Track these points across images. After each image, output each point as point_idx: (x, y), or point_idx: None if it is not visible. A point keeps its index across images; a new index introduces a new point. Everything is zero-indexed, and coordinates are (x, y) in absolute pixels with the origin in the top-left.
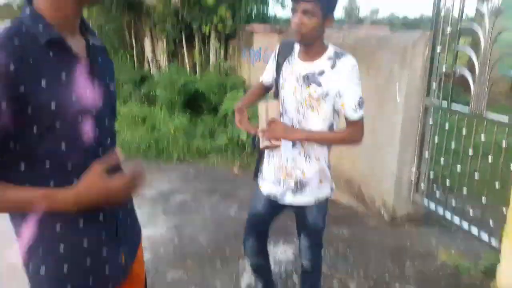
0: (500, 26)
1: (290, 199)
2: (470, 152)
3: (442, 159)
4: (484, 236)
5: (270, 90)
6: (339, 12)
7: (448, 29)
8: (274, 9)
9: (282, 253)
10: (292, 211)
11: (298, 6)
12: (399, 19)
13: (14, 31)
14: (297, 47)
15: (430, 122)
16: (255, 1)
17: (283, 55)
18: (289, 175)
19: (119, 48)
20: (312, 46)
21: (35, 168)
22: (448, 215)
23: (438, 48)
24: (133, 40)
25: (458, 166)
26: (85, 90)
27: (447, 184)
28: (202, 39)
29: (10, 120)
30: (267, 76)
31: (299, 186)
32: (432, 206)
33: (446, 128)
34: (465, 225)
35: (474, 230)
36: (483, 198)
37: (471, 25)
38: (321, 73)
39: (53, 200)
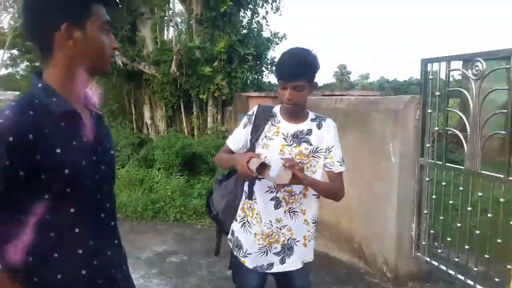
0: (487, 86)
1: (277, 267)
2: (469, 208)
3: (441, 215)
4: None
5: None
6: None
7: (437, 93)
8: (268, 77)
9: None
10: (277, 277)
11: (288, 84)
12: (389, 82)
13: (27, 103)
14: (277, 110)
15: (427, 179)
16: (250, 71)
17: (262, 118)
18: (274, 240)
19: (119, 114)
20: (298, 110)
21: (42, 234)
22: (451, 271)
23: (429, 110)
24: (133, 107)
25: (458, 223)
26: (92, 156)
27: (448, 240)
28: (200, 105)
29: (25, 185)
30: (238, 142)
31: (288, 249)
32: (435, 263)
33: (443, 184)
34: (470, 281)
35: (480, 287)
36: (486, 254)
37: (458, 87)
38: (309, 132)
39: None
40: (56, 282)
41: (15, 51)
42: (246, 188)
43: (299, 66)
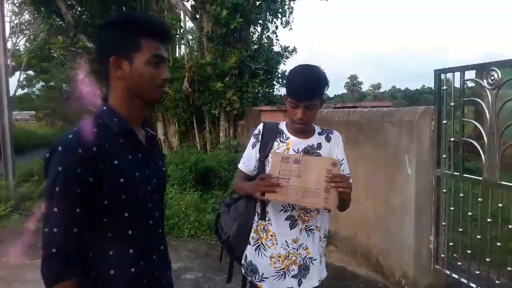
0: (503, 94)
1: None
2: (489, 219)
3: (460, 227)
4: None
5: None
6: (341, 89)
7: (452, 103)
8: (279, 90)
9: None
10: None
11: (301, 104)
12: (401, 91)
13: (93, 123)
14: (283, 127)
15: (444, 190)
16: (261, 85)
17: (270, 136)
18: (291, 261)
19: None
20: (308, 126)
21: (101, 233)
22: (473, 284)
23: (444, 121)
24: None
25: (478, 234)
26: (145, 170)
27: (468, 252)
28: (212, 120)
29: (94, 190)
30: (249, 164)
31: (304, 269)
32: (455, 275)
33: (461, 195)
34: None
35: None
36: (508, 267)
37: (472, 95)
38: (319, 146)
39: None
40: (109, 277)
41: (30, 72)
42: (258, 208)
43: (313, 85)
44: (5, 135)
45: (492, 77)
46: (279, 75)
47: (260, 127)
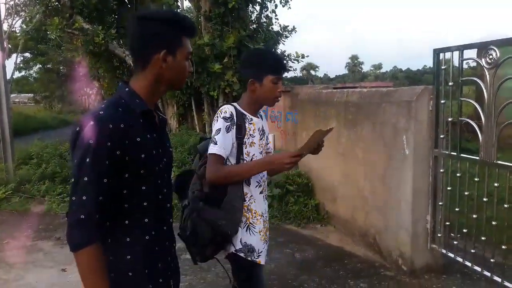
0: (503, 74)
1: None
2: (485, 198)
3: (457, 207)
4: (509, 284)
5: None
6: (342, 69)
7: (450, 83)
8: None
9: None
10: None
11: (281, 76)
12: (402, 71)
13: (117, 102)
14: (241, 109)
15: (441, 170)
16: None
17: (241, 118)
18: (266, 228)
19: None
20: None
21: (119, 204)
22: (468, 263)
23: (442, 100)
24: None
25: (474, 214)
26: (159, 149)
27: (464, 232)
28: (211, 102)
29: (121, 165)
30: (228, 148)
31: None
32: (451, 255)
33: (458, 175)
34: (487, 273)
35: (497, 278)
36: (503, 245)
37: (474, 75)
38: (264, 123)
39: None
40: (125, 243)
41: (27, 54)
42: (240, 191)
43: (283, 59)
44: (4, 119)
45: (491, 56)
46: None
47: (232, 110)
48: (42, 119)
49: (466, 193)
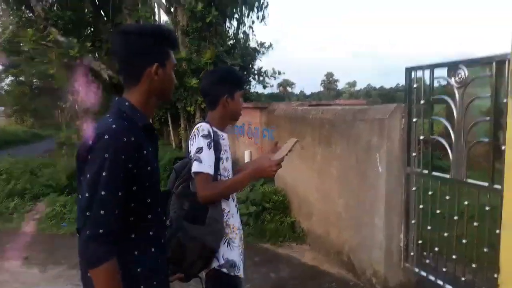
0: (472, 93)
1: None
2: (455, 216)
3: (429, 225)
4: None
5: None
6: (318, 86)
7: (421, 101)
8: (256, 88)
9: None
10: None
11: (243, 93)
12: (376, 89)
13: (121, 116)
14: (211, 126)
15: (414, 188)
16: None
17: (215, 135)
18: (242, 240)
19: None
20: None
21: (126, 218)
22: (440, 282)
23: (414, 119)
24: None
25: (445, 232)
26: (157, 161)
27: (436, 250)
28: (187, 117)
29: (132, 178)
30: (213, 165)
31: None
32: (424, 273)
33: (430, 193)
34: None
35: None
36: (473, 264)
37: (445, 93)
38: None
39: None
40: (133, 258)
41: None
42: (219, 207)
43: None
44: None
45: (460, 75)
46: (255, 72)
47: (208, 127)
48: (14, 132)
49: (437, 211)
